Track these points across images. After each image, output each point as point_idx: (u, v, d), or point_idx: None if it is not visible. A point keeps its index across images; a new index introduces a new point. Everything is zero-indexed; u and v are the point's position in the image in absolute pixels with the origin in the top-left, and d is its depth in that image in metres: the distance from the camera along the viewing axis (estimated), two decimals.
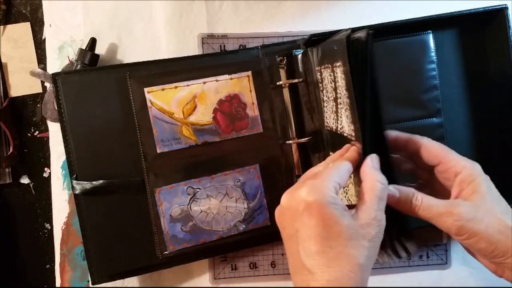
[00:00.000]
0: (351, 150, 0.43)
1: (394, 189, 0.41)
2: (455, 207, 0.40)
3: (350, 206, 0.41)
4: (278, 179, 0.56)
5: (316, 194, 0.37)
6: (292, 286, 0.38)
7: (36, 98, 0.62)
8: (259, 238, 0.56)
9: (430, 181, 0.46)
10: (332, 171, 0.39)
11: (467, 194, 0.41)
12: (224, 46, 0.61)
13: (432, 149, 0.44)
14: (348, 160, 0.41)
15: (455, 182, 0.42)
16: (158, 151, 0.53)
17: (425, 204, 0.40)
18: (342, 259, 0.35)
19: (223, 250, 0.58)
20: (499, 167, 0.48)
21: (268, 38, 0.61)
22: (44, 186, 0.62)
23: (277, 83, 0.54)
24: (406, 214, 0.41)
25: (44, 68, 0.61)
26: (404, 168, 0.48)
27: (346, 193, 0.47)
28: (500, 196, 0.42)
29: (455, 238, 0.41)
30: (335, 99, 0.47)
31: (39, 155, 0.62)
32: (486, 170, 0.43)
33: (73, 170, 0.54)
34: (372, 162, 0.40)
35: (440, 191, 0.45)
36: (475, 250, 0.41)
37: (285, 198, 0.40)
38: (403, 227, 0.43)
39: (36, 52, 0.62)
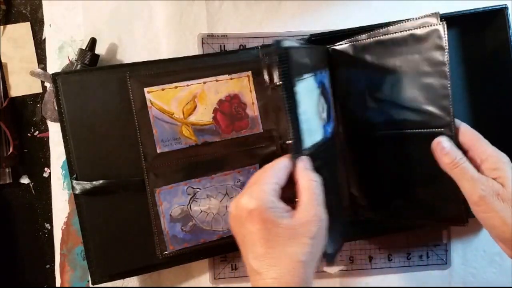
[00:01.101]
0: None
1: (452, 144, 0.45)
2: (487, 179, 0.43)
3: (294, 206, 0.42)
4: None
5: (255, 201, 0.39)
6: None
7: (36, 98, 0.62)
8: None
9: None
10: (268, 174, 0.41)
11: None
12: (224, 46, 0.61)
13: (465, 134, 0.46)
14: (287, 157, 0.43)
15: (481, 169, 0.45)
16: (158, 151, 0.53)
17: (465, 165, 0.44)
18: (283, 258, 0.37)
19: (223, 250, 0.58)
20: None
21: (268, 38, 0.61)
22: (44, 186, 0.62)
23: (277, 83, 0.54)
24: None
25: (44, 68, 0.61)
26: None
27: None
28: None
29: (473, 208, 0.44)
30: None
31: (39, 155, 0.62)
32: None
33: (73, 170, 0.54)
34: (303, 163, 0.42)
35: None
36: (487, 227, 0.44)
37: (232, 206, 0.42)
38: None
39: (36, 52, 0.62)
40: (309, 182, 0.41)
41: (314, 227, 0.39)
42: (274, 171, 0.41)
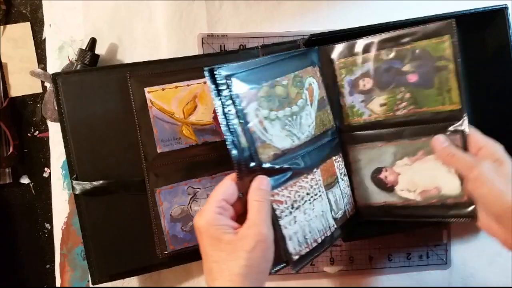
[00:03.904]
0: None
1: (447, 139, 0.50)
2: (482, 159, 0.47)
3: None
4: None
5: (202, 219, 0.42)
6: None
7: (36, 98, 0.62)
8: None
9: None
10: (216, 192, 0.44)
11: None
12: (224, 46, 0.61)
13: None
14: (230, 178, 0.45)
15: (479, 155, 0.48)
16: (158, 151, 0.53)
17: (460, 154, 0.48)
18: (223, 272, 0.40)
19: None
20: None
21: (268, 38, 0.61)
22: (44, 186, 0.62)
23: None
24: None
25: (44, 68, 0.61)
26: None
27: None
28: None
29: (472, 186, 0.47)
30: None
31: (39, 155, 0.62)
32: None
33: (73, 170, 0.54)
34: (256, 183, 0.44)
35: None
36: (484, 204, 0.46)
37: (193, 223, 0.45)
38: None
39: (36, 52, 0.62)
40: (256, 202, 0.43)
41: (252, 241, 0.40)
42: (222, 189, 0.44)
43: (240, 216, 0.44)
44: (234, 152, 0.44)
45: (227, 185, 0.44)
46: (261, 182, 0.44)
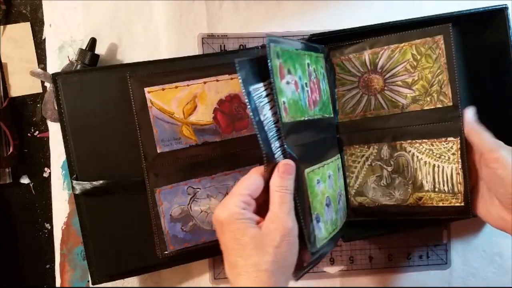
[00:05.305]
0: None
1: (480, 126, 0.50)
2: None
3: None
4: None
5: (224, 213, 0.41)
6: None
7: (36, 98, 0.62)
8: None
9: None
10: (239, 187, 0.42)
11: None
12: (224, 46, 0.61)
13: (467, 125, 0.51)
14: (258, 170, 0.44)
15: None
16: (158, 151, 0.53)
17: (485, 133, 0.49)
18: (249, 267, 0.39)
19: None
20: None
21: None
22: (44, 186, 0.62)
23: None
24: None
25: (44, 68, 0.61)
26: None
27: None
28: None
29: (492, 166, 0.47)
30: None
31: (39, 155, 0.62)
32: None
33: (73, 170, 0.54)
34: (279, 171, 0.42)
35: None
36: (498, 185, 0.47)
37: (213, 216, 0.43)
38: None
39: (36, 52, 0.62)
40: (277, 193, 0.41)
41: (278, 236, 0.39)
42: (247, 183, 0.42)
43: (261, 206, 0.43)
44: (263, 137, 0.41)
45: (253, 179, 0.42)
46: (284, 169, 0.42)
